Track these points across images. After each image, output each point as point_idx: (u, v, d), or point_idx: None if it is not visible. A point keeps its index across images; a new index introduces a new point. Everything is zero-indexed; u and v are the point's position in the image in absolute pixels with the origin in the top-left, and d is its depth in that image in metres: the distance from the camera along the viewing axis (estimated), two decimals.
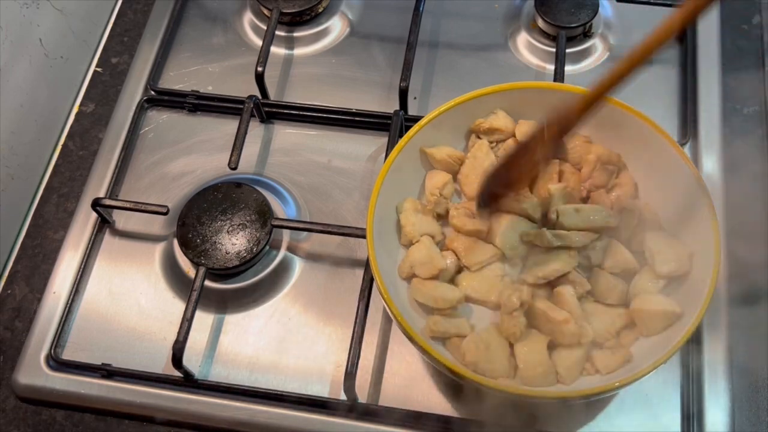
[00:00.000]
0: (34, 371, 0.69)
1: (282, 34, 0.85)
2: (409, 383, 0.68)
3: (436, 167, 0.70)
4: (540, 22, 0.82)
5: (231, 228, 0.71)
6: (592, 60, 0.82)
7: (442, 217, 0.69)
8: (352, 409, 0.66)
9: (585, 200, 0.68)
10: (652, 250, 0.63)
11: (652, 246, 0.63)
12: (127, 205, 0.74)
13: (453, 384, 0.66)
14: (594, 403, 0.65)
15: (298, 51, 0.85)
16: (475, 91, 0.68)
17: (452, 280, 0.66)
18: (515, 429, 0.64)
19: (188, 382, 0.68)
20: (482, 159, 0.68)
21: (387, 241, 0.66)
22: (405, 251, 0.67)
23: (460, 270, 0.66)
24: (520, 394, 0.59)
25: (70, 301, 0.72)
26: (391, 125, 0.75)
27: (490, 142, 0.70)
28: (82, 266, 0.73)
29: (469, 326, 0.63)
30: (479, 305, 0.65)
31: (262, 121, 0.81)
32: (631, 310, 0.62)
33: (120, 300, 0.73)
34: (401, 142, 0.67)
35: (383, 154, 0.75)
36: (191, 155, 0.80)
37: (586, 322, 0.62)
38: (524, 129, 0.69)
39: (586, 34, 0.83)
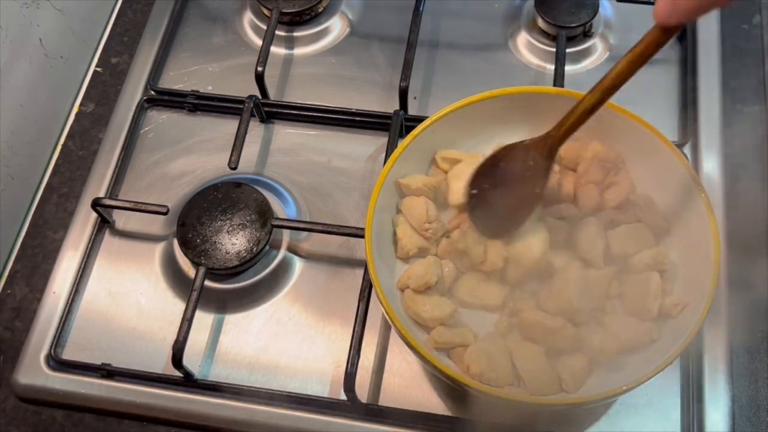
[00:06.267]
0: (34, 371, 0.69)
1: (282, 34, 0.85)
2: (409, 383, 0.68)
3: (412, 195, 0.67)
4: (540, 22, 0.82)
5: (231, 228, 0.71)
6: (592, 60, 0.82)
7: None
8: (352, 409, 0.66)
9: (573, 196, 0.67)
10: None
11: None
12: (127, 205, 0.74)
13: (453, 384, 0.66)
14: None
15: (298, 51, 0.85)
16: (479, 94, 0.68)
17: (450, 289, 0.65)
18: (516, 430, 0.64)
19: (188, 382, 0.68)
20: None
21: (385, 250, 0.66)
22: (401, 262, 0.66)
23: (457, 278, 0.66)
24: (530, 403, 0.58)
25: (70, 301, 0.72)
26: (391, 125, 0.75)
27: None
28: (82, 266, 0.73)
29: (472, 335, 0.63)
30: (480, 310, 0.65)
31: (262, 121, 0.81)
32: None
33: (120, 300, 0.73)
34: (403, 143, 0.66)
35: (383, 154, 0.75)
36: (191, 155, 0.80)
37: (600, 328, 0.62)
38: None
39: (586, 34, 0.83)
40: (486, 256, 0.64)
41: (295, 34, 0.86)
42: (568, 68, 0.79)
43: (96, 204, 0.74)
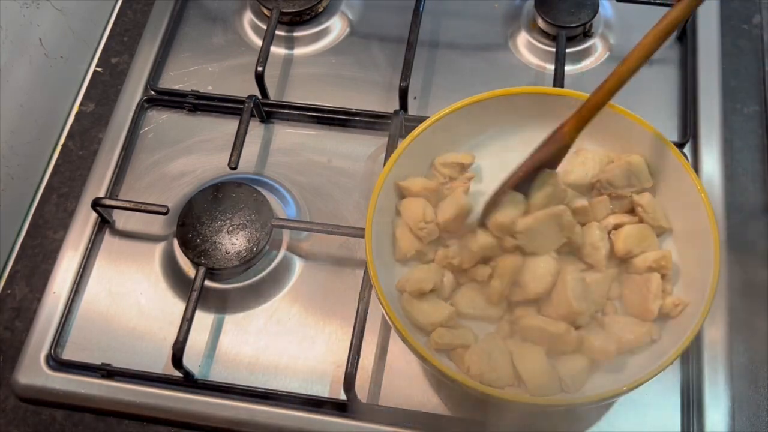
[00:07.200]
0: (34, 371, 0.69)
1: (282, 34, 0.85)
2: (409, 383, 0.68)
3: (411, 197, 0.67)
4: (540, 22, 0.82)
5: (231, 228, 0.71)
6: (592, 60, 0.82)
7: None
8: (352, 409, 0.66)
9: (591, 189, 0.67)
10: None
11: None
12: (127, 205, 0.74)
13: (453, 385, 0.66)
14: None
15: (298, 51, 0.85)
16: (479, 95, 0.67)
17: (449, 299, 0.65)
18: (515, 429, 0.64)
19: (188, 382, 0.68)
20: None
21: (385, 251, 0.65)
22: (400, 264, 0.66)
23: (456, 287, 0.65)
24: (531, 404, 0.58)
25: (70, 301, 0.72)
26: (391, 125, 0.76)
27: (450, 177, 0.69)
28: (82, 266, 0.73)
29: (473, 336, 0.62)
30: (478, 320, 0.64)
31: (262, 121, 0.81)
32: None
33: (120, 300, 0.73)
34: (403, 144, 0.66)
35: (383, 154, 0.75)
36: (191, 155, 0.80)
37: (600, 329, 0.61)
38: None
39: (586, 34, 0.83)
40: (486, 278, 0.63)
41: (295, 34, 0.86)
42: (568, 68, 0.79)
43: (96, 204, 0.74)
